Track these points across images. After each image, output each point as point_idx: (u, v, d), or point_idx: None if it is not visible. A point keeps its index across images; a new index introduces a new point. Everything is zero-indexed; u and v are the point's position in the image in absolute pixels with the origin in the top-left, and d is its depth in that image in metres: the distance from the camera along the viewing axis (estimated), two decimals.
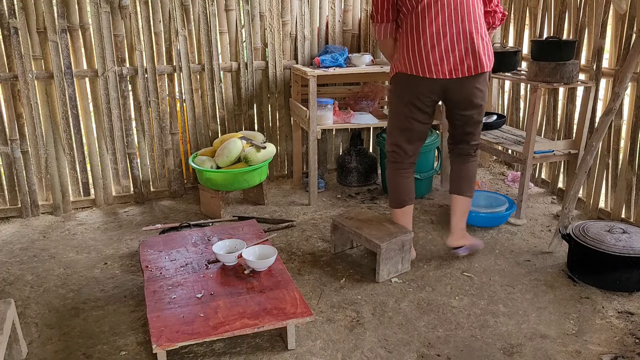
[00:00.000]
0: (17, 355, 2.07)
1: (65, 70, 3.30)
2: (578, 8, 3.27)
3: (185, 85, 3.58)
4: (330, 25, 3.80)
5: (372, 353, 2.09)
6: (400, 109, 2.61)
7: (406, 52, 2.48)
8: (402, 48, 2.50)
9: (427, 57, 2.43)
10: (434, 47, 2.41)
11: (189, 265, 2.46)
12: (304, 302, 2.13)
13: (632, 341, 2.15)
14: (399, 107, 2.61)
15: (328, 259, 2.84)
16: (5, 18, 3.11)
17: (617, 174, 3.12)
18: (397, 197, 2.71)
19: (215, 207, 3.34)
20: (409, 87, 2.54)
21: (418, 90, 2.52)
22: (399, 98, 2.60)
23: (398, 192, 2.70)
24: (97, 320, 2.33)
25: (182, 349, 2.10)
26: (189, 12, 3.47)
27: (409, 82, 2.52)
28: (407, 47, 2.47)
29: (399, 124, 2.64)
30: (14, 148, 3.32)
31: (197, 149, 3.70)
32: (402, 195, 2.70)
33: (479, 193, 3.37)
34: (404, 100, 2.58)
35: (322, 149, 4.08)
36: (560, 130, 3.55)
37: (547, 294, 2.49)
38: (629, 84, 2.81)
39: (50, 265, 2.82)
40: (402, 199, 2.70)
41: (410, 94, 2.54)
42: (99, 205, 3.61)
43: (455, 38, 2.41)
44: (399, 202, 2.71)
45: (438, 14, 2.39)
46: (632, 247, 2.42)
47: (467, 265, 2.74)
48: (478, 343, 2.15)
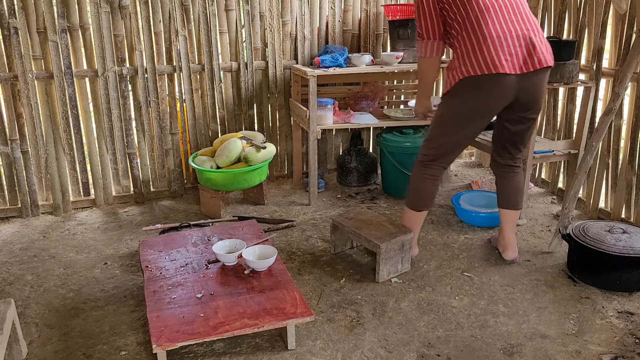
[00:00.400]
0: (17, 355, 2.07)
1: (65, 70, 3.30)
2: (578, 8, 3.27)
3: (185, 85, 3.58)
4: (330, 25, 3.80)
5: (372, 353, 2.09)
6: (458, 122, 2.48)
7: (473, 56, 2.34)
8: (466, 54, 2.36)
9: (497, 55, 2.31)
10: (501, 46, 2.32)
11: (189, 265, 2.46)
12: (304, 302, 2.13)
13: (632, 341, 2.15)
14: (457, 121, 2.48)
15: (328, 259, 2.84)
16: (5, 18, 3.11)
17: (617, 174, 3.12)
18: (419, 200, 2.64)
19: (215, 207, 3.34)
20: (480, 92, 2.38)
21: (493, 91, 2.37)
22: (460, 110, 2.46)
23: (422, 196, 2.63)
24: (97, 320, 2.33)
25: (182, 349, 2.10)
26: (189, 12, 3.47)
27: (482, 85, 2.36)
28: (472, 51, 2.34)
29: (452, 138, 2.53)
30: (14, 148, 3.32)
31: (197, 149, 3.70)
32: (426, 200, 2.64)
33: (479, 193, 3.37)
34: (469, 111, 2.44)
35: (322, 149, 4.08)
36: (560, 130, 3.55)
37: (547, 294, 2.49)
38: (629, 84, 2.81)
39: (50, 265, 2.82)
40: (425, 203, 2.65)
41: (481, 99, 2.40)
42: (99, 205, 3.61)
43: (516, 36, 2.34)
44: (420, 205, 2.65)
45: (497, 15, 2.35)
46: (632, 247, 2.42)
47: (467, 265, 2.74)
48: (478, 343, 2.15)
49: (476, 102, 2.42)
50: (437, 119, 2.54)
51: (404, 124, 3.59)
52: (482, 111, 2.46)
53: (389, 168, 3.64)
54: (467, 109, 2.45)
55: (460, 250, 2.89)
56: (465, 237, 3.04)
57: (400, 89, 4.20)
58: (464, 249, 2.90)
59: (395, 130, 3.67)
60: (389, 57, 3.51)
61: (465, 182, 3.89)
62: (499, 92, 2.38)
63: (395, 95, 4.22)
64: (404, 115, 3.63)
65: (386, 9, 3.76)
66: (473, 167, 4.23)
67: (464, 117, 2.47)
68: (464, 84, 2.38)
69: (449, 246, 2.93)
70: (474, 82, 2.36)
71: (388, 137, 3.60)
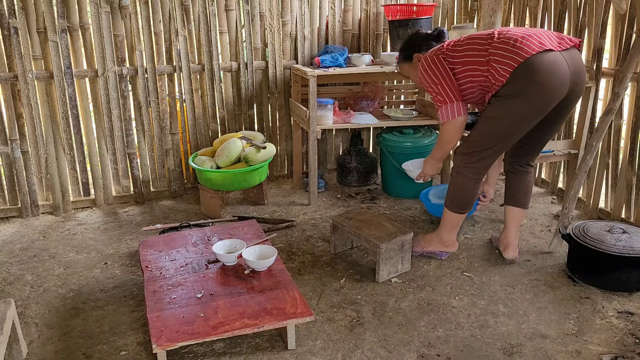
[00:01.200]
0: (17, 355, 2.07)
1: (65, 70, 3.30)
2: (578, 8, 3.27)
3: (185, 85, 3.58)
4: (330, 25, 3.80)
5: (372, 353, 2.09)
6: (513, 121, 2.42)
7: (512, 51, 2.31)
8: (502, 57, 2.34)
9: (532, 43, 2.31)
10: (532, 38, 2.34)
11: (189, 265, 2.46)
12: (304, 302, 2.13)
13: (632, 341, 2.15)
14: (511, 120, 2.42)
15: (328, 259, 2.84)
16: (5, 18, 3.11)
17: (617, 174, 3.12)
18: (466, 202, 2.63)
19: (215, 207, 3.34)
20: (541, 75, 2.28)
21: (555, 70, 2.29)
22: (521, 108, 2.37)
23: (469, 198, 2.63)
24: (97, 320, 2.33)
25: (182, 349, 2.10)
26: (189, 12, 3.47)
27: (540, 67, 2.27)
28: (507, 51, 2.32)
29: (497, 139, 2.49)
30: (14, 148, 3.32)
31: (197, 149, 3.70)
32: (472, 201, 2.64)
33: (443, 186, 3.34)
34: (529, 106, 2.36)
35: (322, 149, 4.08)
36: (560, 130, 3.55)
37: (547, 294, 2.49)
38: (629, 84, 2.81)
39: (50, 265, 2.82)
40: (471, 203, 2.65)
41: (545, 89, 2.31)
42: (99, 205, 3.61)
43: (538, 32, 2.40)
44: (467, 206, 2.65)
45: (515, 29, 2.43)
46: (632, 247, 2.42)
47: (467, 265, 2.74)
48: (478, 343, 2.15)
49: (535, 90, 2.31)
50: (490, 125, 2.47)
51: (404, 124, 3.59)
52: (542, 102, 2.35)
53: (389, 168, 3.64)
54: (525, 104, 2.36)
55: (460, 250, 2.89)
56: (465, 237, 3.04)
57: (400, 89, 4.20)
58: (464, 249, 2.90)
59: (395, 130, 3.67)
60: (389, 57, 3.51)
61: None
62: (560, 71, 2.31)
63: (395, 95, 4.23)
64: (404, 115, 3.63)
65: (386, 9, 3.76)
66: None
67: (520, 116, 2.40)
68: (520, 75, 2.30)
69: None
70: (530, 67, 2.28)
71: (388, 137, 3.60)
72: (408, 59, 2.77)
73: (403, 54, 2.80)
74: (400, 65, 2.86)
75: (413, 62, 2.74)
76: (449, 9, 4.05)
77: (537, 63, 2.28)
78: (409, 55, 2.76)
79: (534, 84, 2.30)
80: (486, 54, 2.41)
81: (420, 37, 2.77)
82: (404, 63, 2.81)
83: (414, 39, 2.79)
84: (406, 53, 2.78)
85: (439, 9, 4.00)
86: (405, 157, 3.49)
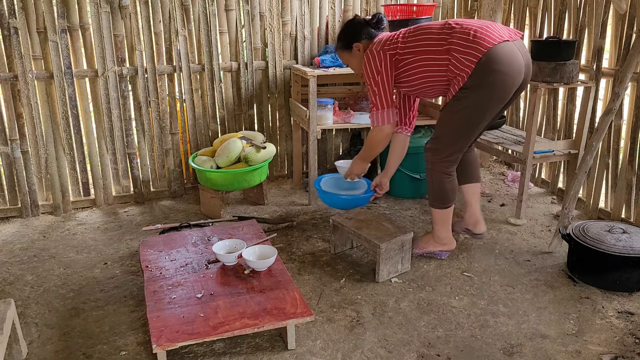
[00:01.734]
0: (17, 355, 2.07)
1: (65, 70, 3.30)
2: (578, 8, 3.27)
3: (185, 85, 3.58)
4: (330, 25, 3.80)
5: (372, 353, 2.09)
6: (480, 111, 2.46)
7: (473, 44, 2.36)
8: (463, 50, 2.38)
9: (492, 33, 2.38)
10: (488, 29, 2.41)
11: (189, 265, 2.46)
12: (304, 302, 2.13)
13: (632, 341, 2.15)
14: (479, 110, 2.46)
15: (328, 259, 2.84)
16: (5, 18, 3.11)
17: (617, 174, 3.12)
18: (447, 198, 2.65)
19: (215, 207, 3.34)
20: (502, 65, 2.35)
21: (514, 61, 2.38)
22: (484, 99, 2.43)
23: (448, 194, 2.64)
24: (97, 320, 2.33)
25: (182, 349, 2.10)
26: (189, 12, 3.47)
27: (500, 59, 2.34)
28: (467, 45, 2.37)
29: (467, 131, 2.53)
30: (14, 148, 3.32)
31: (197, 149, 3.70)
32: (452, 195, 2.65)
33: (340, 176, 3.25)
34: (492, 96, 2.41)
35: (322, 149, 4.08)
36: (560, 130, 3.55)
37: (547, 294, 2.49)
38: (629, 84, 2.81)
39: (50, 265, 2.82)
40: (452, 198, 2.66)
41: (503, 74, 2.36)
42: (99, 205, 3.61)
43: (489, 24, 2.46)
44: (449, 202, 2.66)
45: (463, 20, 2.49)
46: (632, 247, 2.42)
47: (467, 265, 2.74)
48: (478, 343, 2.15)
49: (500, 79, 2.37)
50: (458, 118, 2.50)
51: None
52: (505, 90, 2.42)
53: None
54: (490, 95, 2.42)
55: (460, 250, 2.89)
56: (465, 237, 3.04)
57: None
58: (464, 249, 2.90)
59: None
60: None
61: None
62: (517, 60, 2.40)
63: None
64: None
65: (386, 9, 3.76)
66: None
67: (490, 103, 2.45)
68: (484, 65, 2.34)
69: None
70: (493, 58, 2.33)
71: None
72: (347, 48, 2.72)
73: (341, 42, 2.74)
74: (339, 53, 2.80)
75: (353, 51, 2.70)
76: (449, 9, 4.05)
77: (499, 53, 2.36)
78: (348, 44, 2.70)
79: (498, 74, 2.37)
80: (445, 43, 2.42)
81: (358, 24, 2.70)
82: (343, 51, 2.75)
83: (353, 27, 2.71)
84: (345, 41, 2.72)
85: (439, 9, 4.00)
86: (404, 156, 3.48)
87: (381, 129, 2.64)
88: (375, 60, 2.55)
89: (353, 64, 2.78)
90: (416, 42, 2.50)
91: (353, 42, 2.68)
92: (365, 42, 2.67)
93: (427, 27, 2.51)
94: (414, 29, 2.54)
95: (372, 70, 2.56)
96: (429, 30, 2.50)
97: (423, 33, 2.50)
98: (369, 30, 2.67)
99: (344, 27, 2.78)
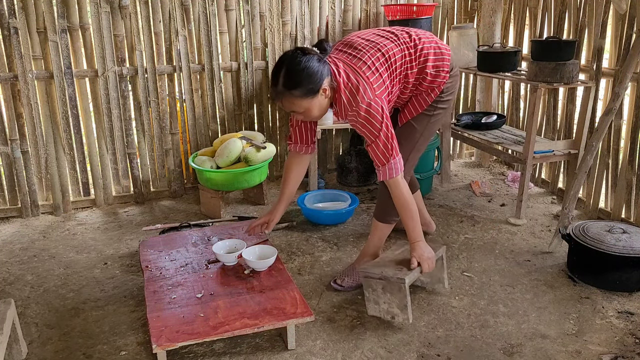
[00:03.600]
0: (17, 355, 2.07)
1: (65, 70, 3.30)
2: (578, 8, 3.27)
3: (185, 85, 3.58)
4: (330, 25, 3.80)
5: (372, 353, 2.09)
6: (446, 117, 2.52)
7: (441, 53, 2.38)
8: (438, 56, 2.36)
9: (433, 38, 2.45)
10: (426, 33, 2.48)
11: (189, 265, 2.46)
12: (304, 302, 2.13)
13: (632, 341, 2.15)
14: (446, 116, 2.51)
15: (328, 259, 2.84)
16: (5, 18, 3.11)
17: (617, 174, 3.12)
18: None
19: (215, 207, 3.34)
20: (455, 78, 2.50)
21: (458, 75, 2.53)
22: (450, 102, 2.51)
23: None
24: (97, 320, 2.33)
25: (182, 349, 2.10)
26: (189, 12, 3.47)
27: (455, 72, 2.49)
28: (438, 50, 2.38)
29: (430, 138, 2.52)
30: (14, 148, 3.32)
31: (197, 149, 3.70)
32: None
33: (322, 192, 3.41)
34: (454, 99, 2.50)
35: (322, 149, 4.08)
36: (560, 130, 3.55)
37: (547, 294, 2.49)
38: (629, 84, 2.81)
39: (50, 265, 2.82)
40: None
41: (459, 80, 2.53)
42: (99, 205, 3.61)
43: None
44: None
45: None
46: (632, 247, 2.42)
47: (467, 265, 2.74)
48: (478, 343, 2.15)
49: (458, 80, 2.54)
50: (430, 127, 2.46)
51: None
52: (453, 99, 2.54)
53: None
54: (454, 98, 2.54)
55: (460, 250, 2.89)
56: (465, 237, 3.04)
57: None
58: (464, 249, 2.90)
59: None
60: None
61: (465, 182, 3.89)
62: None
63: None
64: None
65: (386, 9, 3.76)
66: (473, 167, 4.23)
67: (450, 110, 2.59)
68: (451, 71, 2.43)
69: (449, 246, 2.93)
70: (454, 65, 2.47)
71: None
72: (312, 94, 2.09)
73: (300, 89, 2.06)
74: (288, 101, 2.11)
75: (318, 98, 2.12)
76: (449, 9, 4.05)
77: (453, 56, 2.48)
78: (314, 90, 2.09)
79: (456, 76, 2.49)
80: (415, 61, 2.33)
81: (315, 62, 2.08)
82: (304, 99, 2.10)
83: (311, 67, 2.06)
84: (309, 88, 2.08)
85: (439, 9, 4.00)
86: None
87: (402, 179, 2.25)
88: (379, 112, 2.15)
89: (314, 111, 2.16)
90: (399, 75, 2.31)
91: (320, 85, 2.09)
92: (327, 80, 2.12)
93: (399, 51, 2.29)
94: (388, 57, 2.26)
95: (383, 123, 2.15)
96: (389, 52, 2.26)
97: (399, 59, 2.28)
98: (324, 62, 2.13)
99: (299, 71, 2.05)
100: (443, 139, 3.74)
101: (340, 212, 3.16)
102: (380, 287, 2.20)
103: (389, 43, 2.30)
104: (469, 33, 3.68)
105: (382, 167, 2.21)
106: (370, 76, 2.18)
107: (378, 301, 2.23)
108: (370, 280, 2.22)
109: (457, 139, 4.13)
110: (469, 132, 3.62)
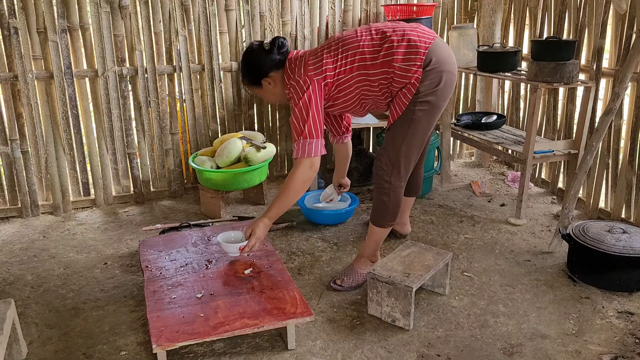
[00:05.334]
0: (17, 355, 2.07)
1: (65, 70, 3.30)
2: (578, 8, 3.27)
3: (185, 85, 3.58)
4: (330, 25, 3.80)
5: (372, 353, 2.09)
6: (435, 117, 2.37)
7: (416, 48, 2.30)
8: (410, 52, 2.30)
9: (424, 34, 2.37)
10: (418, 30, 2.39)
11: (189, 265, 2.46)
12: (304, 302, 2.13)
13: (632, 341, 2.15)
14: (434, 117, 2.37)
15: (328, 259, 2.84)
16: (5, 18, 3.11)
17: (617, 174, 3.12)
18: (398, 212, 2.52)
19: (215, 207, 3.34)
20: (452, 82, 2.37)
21: (454, 63, 2.38)
22: (437, 109, 2.36)
23: (400, 207, 2.52)
24: (97, 320, 2.33)
25: (182, 349, 2.10)
26: (189, 12, 3.47)
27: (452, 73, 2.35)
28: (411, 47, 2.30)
29: (422, 141, 2.42)
30: (14, 148, 3.32)
31: (197, 149, 3.70)
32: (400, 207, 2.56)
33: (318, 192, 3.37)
34: (445, 98, 2.35)
35: None
36: (560, 130, 3.55)
37: (547, 294, 2.49)
38: (629, 84, 2.81)
39: (50, 265, 2.82)
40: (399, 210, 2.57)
41: (453, 77, 2.36)
42: (99, 205, 3.61)
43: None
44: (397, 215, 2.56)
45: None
46: (632, 247, 2.42)
47: (467, 265, 2.74)
48: (478, 343, 2.15)
49: (449, 80, 2.33)
50: (418, 127, 2.37)
51: None
52: (451, 91, 2.40)
53: None
54: (443, 97, 2.36)
55: (460, 250, 2.89)
56: (465, 237, 3.04)
57: None
58: (464, 249, 2.90)
59: None
60: None
61: (465, 182, 3.89)
62: (454, 58, 2.41)
63: None
64: None
65: (386, 9, 3.76)
66: (473, 167, 4.23)
67: (439, 110, 2.39)
68: (431, 67, 2.29)
69: (449, 246, 2.93)
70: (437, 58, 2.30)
71: None
72: (255, 84, 2.47)
73: (247, 78, 2.48)
74: (248, 87, 2.54)
75: (263, 86, 2.46)
76: (449, 9, 4.05)
77: (440, 53, 2.32)
78: (255, 81, 2.44)
79: (445, 74, 2.32)
80: (381, 54, 2.30)
81: (259, 57, 2.40)
82: (252, 87, 2.50)
83: (254, 61, 2.42)
84: (249, 78, 2.46)
85: (439, 9, 4.00)
86: None
87: (311, 163, 2.35)
88: (303, 89, 2.31)
89: (267, 97, 2.54)
90: (347, 59, 2.33)
91: (260, 78, 2.42)
92: (275, 72, 2.41)
93: (354, 40, 2.34)
94: (340, 44, 2.36)
95: (301, 99, 2.30)
96: (356, 42, 2.33)
97: (352, 48, 2.33)
98: (272, 59, 2.39)
99: (243, 62, 2.47)
100: (443, 139, 3.74)
101: (340, 212, 3.16)
102: (385, 290, 2.22)
103: (355, 34, 2.38)
104: (469, 33, 3.68)
105: (295, 143, 2.37)
106: (311, 59, 2.36)
107: (381, 303, 2.24)
108: (376, 282, 2.23)
109: (457, 139, 4.13)
110: (469, 132, 3.62)
